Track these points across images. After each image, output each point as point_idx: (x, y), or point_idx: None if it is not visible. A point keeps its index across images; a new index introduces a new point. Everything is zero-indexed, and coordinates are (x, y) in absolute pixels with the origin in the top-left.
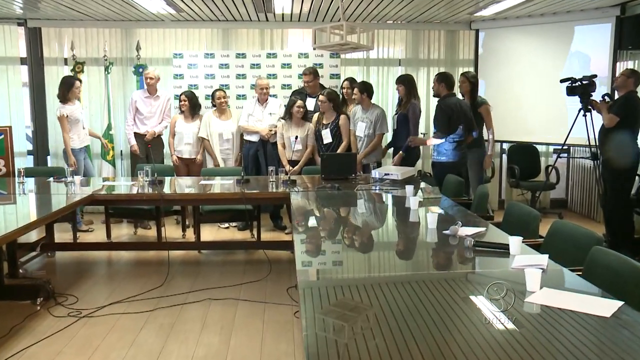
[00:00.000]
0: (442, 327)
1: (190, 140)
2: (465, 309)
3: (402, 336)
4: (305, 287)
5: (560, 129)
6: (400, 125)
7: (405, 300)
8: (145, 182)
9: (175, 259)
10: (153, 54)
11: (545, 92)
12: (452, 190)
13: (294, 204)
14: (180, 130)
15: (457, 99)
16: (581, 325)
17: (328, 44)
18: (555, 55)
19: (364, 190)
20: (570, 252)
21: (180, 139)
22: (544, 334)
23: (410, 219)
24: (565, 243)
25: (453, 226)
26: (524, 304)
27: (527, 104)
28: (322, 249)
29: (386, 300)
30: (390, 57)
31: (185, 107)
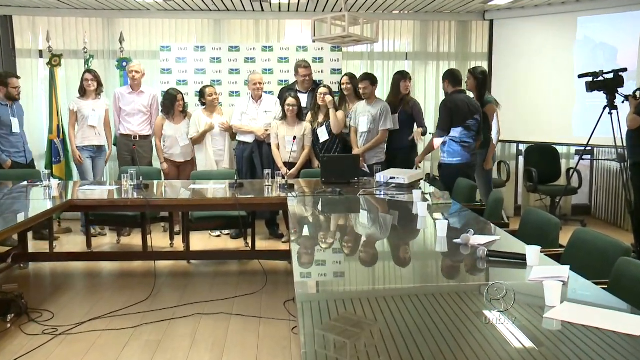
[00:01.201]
0: (453, 345)
1: (185, 142)
2: (478, 325)
3: (409, 354)
4: (304, 301)
5: (583, 128)
6: (402, 123)
7: (413, 315)
8: (130, 186)
9: (162, 270)
10: (138, 47)
11: (567, 88)
12: (464, 195)
13: (291, 210)
14: (172, 134)
15: (465, 96)
16: (608, 345)
17: (329, 36)
18: (578, 48)
19: (367, 195)
20: (594, 264)
21: (174, 143)
22: (566, 353)
23: (418, 226)
24: (589, 253)
25: (464, 234)
26: (542, 320)
27: (547, 101)
28: (322, 259)
29: (392, 315)
30: (396, 50)
31: (180, 106)
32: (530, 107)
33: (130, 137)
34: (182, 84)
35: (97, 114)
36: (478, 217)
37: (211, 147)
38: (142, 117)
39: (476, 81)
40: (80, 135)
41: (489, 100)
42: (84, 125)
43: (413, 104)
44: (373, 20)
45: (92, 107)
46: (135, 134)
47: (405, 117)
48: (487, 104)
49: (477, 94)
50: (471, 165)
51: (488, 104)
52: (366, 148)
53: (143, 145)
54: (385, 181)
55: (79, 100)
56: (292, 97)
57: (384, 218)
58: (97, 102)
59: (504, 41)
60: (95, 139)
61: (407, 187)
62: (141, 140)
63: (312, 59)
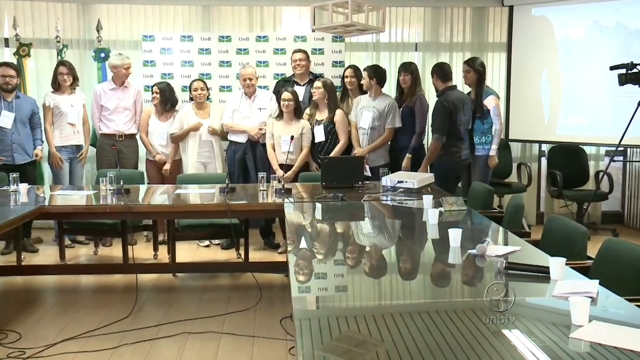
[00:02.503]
0: None
1: (163, 141)
2: (496, 346)
3: None
4: (303, 318)
5: (615, 125)
6: (406, 119)
7: (424, 333)
8: (109, 190)
9: (144, 284)
10: (117, 36)
11: (596, 82)
12: (480, 200)
13: (288, 217)
14: (152, 130)
15: (459, 92)
16: None
17: (330, 25)
18: (609, 36)
19: (372, 201)
20: (626, 278)
21: (153, 137)
22: None
23: (429, 235)
24: (621, 266)
25: (480, 244)
26: (568, 340)
27: (572, 96)
28: (323, 272)
29: (400, 334)
30: (404, 40)
31: (155, 100)
32: (555, 103)
33: (115, 136)
34: (167, 78)
35: (75, 110)
36: (496, 225)
37: (197, 148)
38: (128, 114)
39: (477, 74)
40: (58, 135)
41: (491, 92)
42: (62, 123)
43: (417, 100)
44: (379, 8)
45: (69, 102)
46: (120, 133)
47: (408, 113)
48: (488, 96)
49: (476, 89)
50: (458, 168)
51: (490, 95)
52: (371, 148)
53: (128, 145)
54: (392, 185)
55: (55, 95)
56: (288, 92)
57: (391, 226)
58: (74, 97)
59: (525, 29)
60: (75, 138)
61: (417, 192)
62: (126, 139)
63: (311, 50)
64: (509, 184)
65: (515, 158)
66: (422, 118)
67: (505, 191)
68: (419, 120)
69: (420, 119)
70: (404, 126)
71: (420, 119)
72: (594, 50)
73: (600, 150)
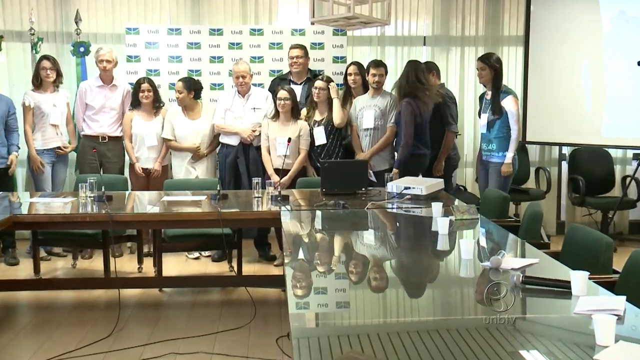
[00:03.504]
0: None
1: (153, 142)
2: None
3: None
4: (301, 337)
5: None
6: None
7: (433, 354)
8: (89, 198)
9: (128, 300)
10: (98, 28)
11: (624, 78)
12: (494, 208)
13: (285, 227)
14: (139, 132)
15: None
16: None
17: (331, 18)
18: (638, 28)
19: (377, 209)
20: None
21: (140, 142)
22: None
23: (439, 246)
24: None
25: (495, 257)
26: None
27: (597, 95)
28: (323, 287)
29: (407, 354)
30: (412, 34)
31: (149, 98)
32: (577, 102)
33: (98, 139)
34: (153, 74)
35: (59, 110)
36: (512, 235)
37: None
38: (114, 115)
39: (493, 72)
40: (39, 137)
41: (508, 91)
42: (45, 124)
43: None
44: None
45: (52, 101)
46: (105, 135)
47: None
48: (507, 96)
49: (493, 88)
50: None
51: (509, 95)
52: (374, 150)
53: (113, 148)
54: (399, 192)
55: (35, 94)
56: (284, 90)
57: (397, 236)
58: (57, 96)
59: (544, 21)
60: (58, 140)
61: (425, 199)
62: (111, 142)
63: (310, 45)
64: (526, 191)
65: (533, 162)
66: (405, 127)
67: (522, 198)
68: (402, 128)
69: (403, 127)
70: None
71: (403, 127)
72: (620, 43)
73: (628, 153)
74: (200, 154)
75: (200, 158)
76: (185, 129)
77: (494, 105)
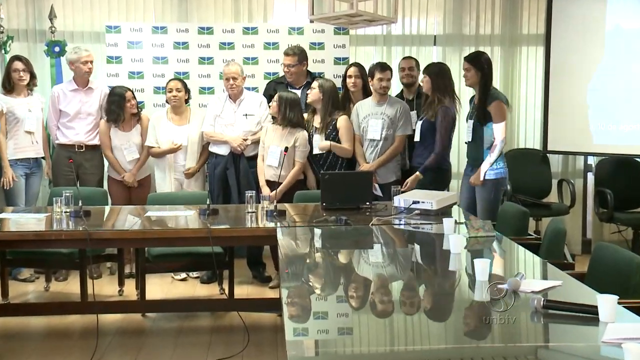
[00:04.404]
0: None
1: (134, 155)
2: None
3: None
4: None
5: None
6: (426, 136)
7: None
8: (65, 213)
9: (107, 327)
10: (75, 26)
11: None
12: (512, 224)
13: (282, 245)
14: (116, 144)
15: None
16: None
17: (331, 15)
18: None
19: (382, 226)
20: None
21: (119, 156)
22: None
23: (451, 266)
24: None
25: (513, 278)
26: None
27: (625, 99)
28: (323, 311)
29: None
30: (421, 32)
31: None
32: (604, 108)
33: (74, 147)
34: (136, 77)
35: (34, 116)
36: (532, 254)
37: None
38: (91, 121)
39: (479, 73)
40: (12, 146)
41: (497, 95)
42: (18, 131)
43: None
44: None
45: (27, 106)
46: (81, 144)
47: (429, 126)
48: (494, 100)
49: (481, 90)
50: None
51: (496, 100)
52: (381, 161)
53: (90, 158)
54: (407, 206)
55: (7, 98)
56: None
57: (405, 256)
58: (32, 100)
59: (567, 19)
60: (32, 149)
61: (436, 215)
62: (88, 151)
63: (309, 45)
64: (547, 205)
65: (555, 173)
66: (445, 133)
67: (544, 213)
68: (440, 134)
69: (442, 134)
70: (422, 143)
71: (442, 134)
72: None
73: None
74: (191, 171)
75: (192, 175)
76: (170, 135)
77: (479, 111)
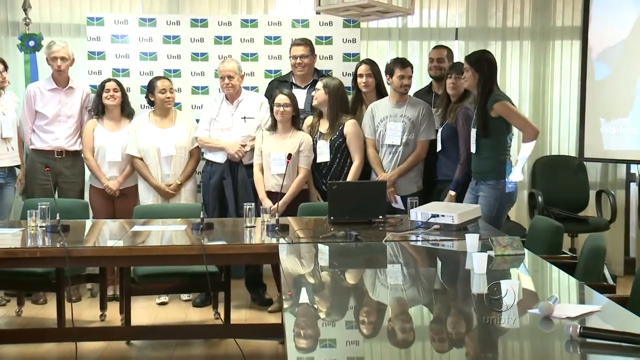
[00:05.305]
0: None
1: (116, 157)
2: None
3: None
4: None
5: None
6: (448, 144)
7: None
8: (40, 228)
9: (88, 356)
10: (52, 18)
11: None
12: (544, 241)
13: (284, 263)
14: (102, 144)
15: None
16: None
17: (340, 6)
18: None
19: (397, 242)
20: None
21: (102, 158)
22: None
23: (474, 289)
24: None
25: (545, 302)
26: None
27: None
28: (331, 338)
29: None
30: (441, 25)
31: (116, 99)
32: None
33: (52, 154)
34: (121, 75)
35: (9, 120)
36: (566, 275)
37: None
38: (72, 124)
39: (478, 75)
40: None
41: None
42: None
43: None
44: None
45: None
46: (60, 149)
47: (451, 132)
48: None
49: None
50: None
51: (497, 102)
52: (402, 170)
53: (71, 165)
54: (425, 220)
55: None
56: (283, 94)
57: (423, 276)
58: (5, 101)
59: (607, 8)
60: (8, 157)
61: (457, 230)
62: (69, 158)
63: (315, 40)
64: (584, 220)
65: (593, 184)
66: (466, 138)
67: (580, 229)
68: (463, 142)
69: (465, 139)
70: (445, 151)
71: (465, 139)
72: None
73: None
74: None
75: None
76: (153, 140)
77: (479, 120)
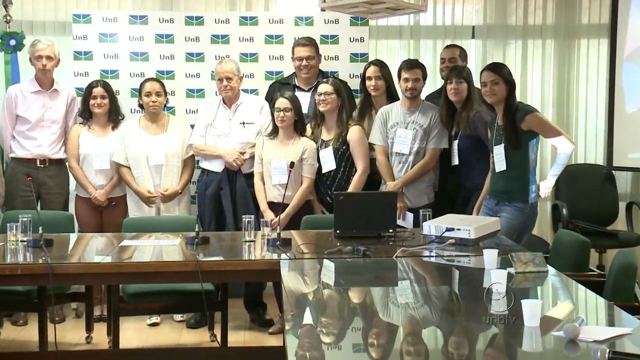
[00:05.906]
0: None
1: (103, 165)
2: None
3: None
4: None
5: None
6: (469, 156)
7: None
8: (21, 242)
9: None
10: (35, 15)
11: None
12: (569, 257)
13: (286, 281)
14: (89, 151)
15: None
16: None
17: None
18: None
19: (409, 258)
20: None
21: (88, 165)
22: None
23: (493, 309)
24: None
25: (571, 324)
26: None
27: None
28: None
29: None
30: (456, 23)
31: (103, 107)
32: None
33: (34, 162)
34: (109, 77)
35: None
36: (594, 295)
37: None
38: (56, 130)
39: (509, 87)
40: None
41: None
42: None
43: (475, 117)
44: None
45: None
46: (44, 158)
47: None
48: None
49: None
50: None
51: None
52: (407, 179)
53: (55, 175)
54: (439, 235)
55: None
56: (284, 98)
57: (437, 295)
58: None
59: (637, 4)
60: None
61: (474, 245)
62: (53, 167)
63: (320, 39)
64: (614, 234)
65: (622, 195)
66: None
67: (609, 244)
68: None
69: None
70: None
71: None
72: None
73: None
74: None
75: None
76: (143, 147)
77: (511, 133)
